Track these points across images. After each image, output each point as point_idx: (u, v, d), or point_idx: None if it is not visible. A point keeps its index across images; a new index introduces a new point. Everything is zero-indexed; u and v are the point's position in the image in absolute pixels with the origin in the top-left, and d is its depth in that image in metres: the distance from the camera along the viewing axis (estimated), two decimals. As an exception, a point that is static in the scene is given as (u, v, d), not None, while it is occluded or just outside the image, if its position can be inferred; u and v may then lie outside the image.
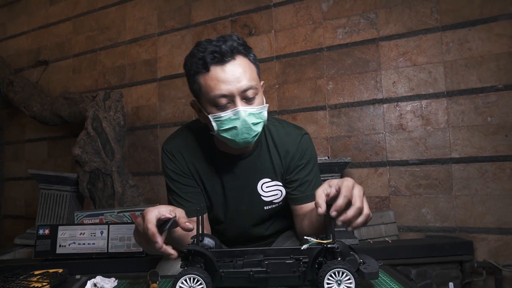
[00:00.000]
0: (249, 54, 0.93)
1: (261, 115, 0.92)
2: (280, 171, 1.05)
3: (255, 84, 0.90)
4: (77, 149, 2.41)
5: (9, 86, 3.09)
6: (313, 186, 1.06)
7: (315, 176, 1.08)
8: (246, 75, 0.89)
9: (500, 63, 1.96)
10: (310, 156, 1.07)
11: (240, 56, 0.91)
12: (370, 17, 2.27)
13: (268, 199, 1.07)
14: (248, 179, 1.05)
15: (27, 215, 3.43)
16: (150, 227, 0.72)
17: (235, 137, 0.91)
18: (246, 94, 0.89)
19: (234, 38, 0.91)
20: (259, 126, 0.92)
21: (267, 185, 1.06)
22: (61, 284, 0.85)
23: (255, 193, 1.05)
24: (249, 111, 0.89)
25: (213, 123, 0.92)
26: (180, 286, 0.68)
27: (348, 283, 0.68)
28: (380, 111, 2.22)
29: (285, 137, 1.06)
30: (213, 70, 0.89)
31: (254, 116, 0.90)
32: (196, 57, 0.92)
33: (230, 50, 0.89)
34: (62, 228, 1.81)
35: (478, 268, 1.90)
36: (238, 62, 0.89)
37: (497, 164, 1.95)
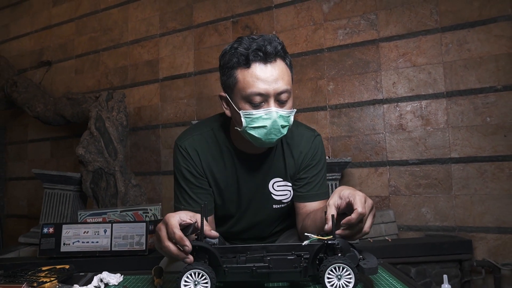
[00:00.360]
0: (287, 59, 0.95)
1: (289, 119, 0.94)
2: (291, 172, 1.07)
3: (290, 89, 0.92)
4: (80, 149, 2.43)
5: (13, 86, 3.12)
6: (319, 187, 1.08)
7: (323, 177, 1.10)
8: (284, 78, 0.91)
9: (499, 64, 1.98)
10: (321, 157, 1.09)
11: (280, 60, 0.92)
12: (371, 18, 2.29)
13: (278, 198, 1.08)
14: (261, 178, 1.06)
15: (30, 215, 3.46)
16: (177, 232, 0.72)
17: (262, 136, 0.92)
18: (281, 96, 0.91)
19: (278, 41, 0.92)
20: (285, 129, 0.94)
21: (278, 184, 1.07)
22: (68, 279, 0.87)
23: (266, 191, 1.06)
24: (281, 113, 0.91)
25: (243, 119, 0.92)
26: (185, 280, 0.70)
27: (348, 278, 0.70)
28: (380, 111, 2.24)
29: (299, 139, 1.08)
30: (254, 67, 0.90)
31: (283, 119, 0.92)
32: (238, 51, 0.91)
33: (275, 52, 0.90)
34: (66, 226, 1.84)
35: (477, 267, 1.92)
36: (278, 65, 0.91)
37: (496, 164, 1.97)
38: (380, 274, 0.86)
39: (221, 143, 1.06)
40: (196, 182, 1.05)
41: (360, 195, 0.77)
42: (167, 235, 0.74)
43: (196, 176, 1.05)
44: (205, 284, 0.70)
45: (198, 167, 1.05)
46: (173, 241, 0.73)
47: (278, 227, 1.19)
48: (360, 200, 0.75)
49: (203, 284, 0.70)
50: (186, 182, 1.06)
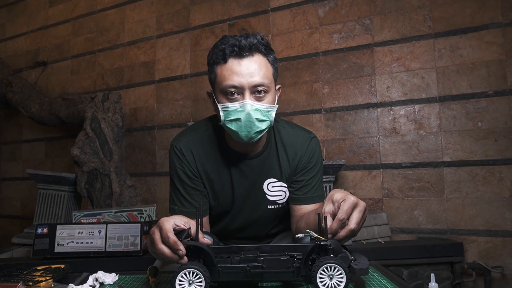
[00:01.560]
0: (268, 55, 0.97)
1: (268, 114, 0.95)
2: (287, 173, 1.08)
3: (267, 83, 0.93)
4: (75, 150, 2.43)
5: (8, 86, 3.11)
6: (315, 189, 1.09)
7: (319, 180, 1.11)
8: (260, 72, 0.92)
9: (490, 70, 2.02)
10: (317, 160, 1.10)
11: (258, 54, 0.94)
12: (365, 23, 2.33)
13: (272, 199, 1.09)
14: (256, 178, 1.06)
15: (23, 215, 3.44)
16: (171, 236, 0.73)
17: (238, 129, 0.94)
18: (256, 89, 0.92)
19: (257, 37, 0.94)
20: (263, 124, 0.95)
21: (272, 185, 1.07)
22: (64, 279, 0.88)
23: (261, 191, 1.07)
24: (256, 107, 0.92)
25: (221, 112, 0.95)
26: (180, 279, 0.71)
27: (340, 277, 0.72)
28: (374, 115, 2.27)
29: (295, 140, 1.08)
30: (230, 62, 0.93)
31: (260, 112, 0.93)
32: (218, 48, 0.95)
33: (249, 46, 0.92)
34: (61, 227, 1.84)
35: (468, 269, 1.95)
36: (255, 59, 0.93)
37: (487, 168, 2.00)
38: (372, 275, 0.88)
39: (216, 143, 1.07)
40: (190, 183, 1.06)
41: (350, 199, 0.77)
42: (161, 238, 0.75)
43: (191, 177, 1.06)
44: (199, 283, 0.71)
45: (193, 168, 1.06)
46: (166, 244, 0.74)
47: (274, 229, 1.19)
48: (343, 208, 0.77)
49: (197, 283, 0.71)
50: (181, 183, 1.07)
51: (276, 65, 1.00)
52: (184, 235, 0.76)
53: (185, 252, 0.73)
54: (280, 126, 1.10)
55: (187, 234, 0.77)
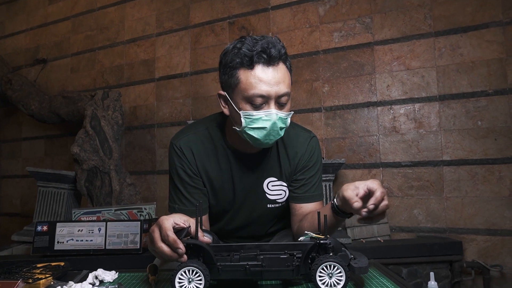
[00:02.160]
0: (287, 62, 0.97)
1: (286, 121, 0.96)
2: (287, 172, 1.09)
3: (290, 92, 0.95)
4: (75, 147, 2.43)
5: (8, 84, 3.10)
6: (315, 188, 1.09)
7: (319, 178, 1.12)
8: (285, 82, 0.93)
9: (491, 68, 2.02)
10: (317, 159, 1.10)
11: (282, 63, 0.94)
12: (366, 21, 2.32)
13: (272, 198, 1.09)
14: (256, 177, 1.07)
15: (23, 213, 3.44)
16: (170, 234, 0.73)
17: (261, 137, 0.94)
18: (281, 99, 0.93)
19: (281, 44, 0.94)
20: (283, 131, 0.97)
21: (272, 184, 1.08)
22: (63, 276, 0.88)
23: (261, 190, 1.08)
24: (280, 115, 0.93)
25: (243, 119, 0.93)
26: (180, 277, 0.71)
27: (339, 276, 0.72)
28: (374, 113, 2.27)
29: (295, 139, 1.09)
30: (257, 69, 0.91)
31: (282, 121, 0.94)
32: (242, 52, 0.92)
33: (278, 56, 0.92)
34: (60, 225, 1.84)
35: (467, 268, 1.95)
36: (280, 68, 0.93)
37: (486, 167, 2.00)
38: (372, 273, 0.88)
39: (216, 142, 1.07)
40: (190, 182, 1.06)
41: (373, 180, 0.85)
42: (161, 237, 0.76)
43: (191, 176, 1.06)
44: (199, 281, 0.71)
45: (193, 166, 1.06)
46: (166, 243, 0.74)
47: (273, 227, 1.20)
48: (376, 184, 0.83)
49: (197, 281, 0.71)
50: (181, 181, 1.07)
51: (292, 71, 1.00)
52: (184, 233, 0.76)
53: (184, 250, 0.73)
54: None
55: (186, 233, 0.77)
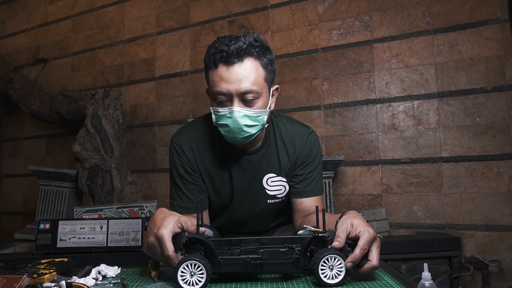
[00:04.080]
0: (261, 57, 0.94)
1: (258, 119, 0.94)
2: (286, 167, 1.09)
3: (257, 89, 0.92)
4: (77, 146, 2.45)
5: (9, 83, 3.12)
6: (315, 182, 1.10)
7: (319, 173, 1.12)
8: (249, 79, 0.91)
9: (489, 65, 2.03)
10: (316, 154, 1.11)
11: (250, 58, 0.92)
12: (364, 19, 2.33)
13: (272, 193, 1.10)
14: (255, 173, 1.08)
15: (25, 212, 3.47)
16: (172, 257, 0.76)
17: (226, 134, 0.96)
18: (246, 96, 0.91)
19: (249, 39, 0.92)
20: (253, 128, 0.95)
21: (272, 180, 1.09)
22: (67, 272, 0.90)
23: (260, 186, 1.09)
24: (244, 113, 0.92)
25: (213, 115, 0.97)
26: (182, 271, 0.73)
27: (339, 268, 0.74)
28: (373, 111, 2.29)
29: (294, 135, 1.09)
30: (220, 68, 0.92)
31: (250, 118, 0.93)
32: (210, 52, 0.95)
33: (237, 52, 0.91)
34: (63, 222, 1.85)
35: (466, 263, 1.97)
36: (245, 64, 0.91)
37: (485, 163, 2.02)
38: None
39: (215, 139, 1.07)
40: (189, 179, 1.08)
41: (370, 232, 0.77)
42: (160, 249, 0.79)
43: (190, 173, 1.07)
44: (201, 275, 0.73)
45: (192, 164, 1.07)
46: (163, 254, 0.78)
47: (274, 222, 1.21)
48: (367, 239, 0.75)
49: (199, 274, 0.73)
50: (180, 178, 1.08)
51: (271, 67, 0.97)
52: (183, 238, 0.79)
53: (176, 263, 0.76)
54: (279, 122, 1.11)
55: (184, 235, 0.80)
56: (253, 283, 0.79)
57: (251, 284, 0.78)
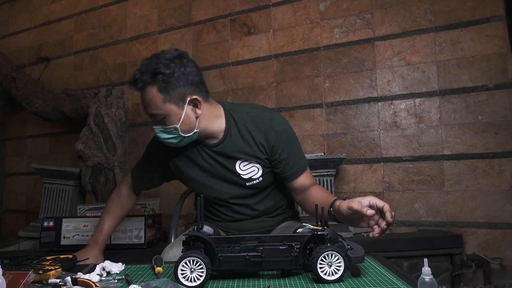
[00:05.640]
0: (156, 83, 1.03)
1: (173, 132, 1.07)
2: (255, 151, 1.15)
3: (160, 112, 1.04)
4: (80, 144, 2.46)
5: (12, 82, 3.14)
6: (298, 161, 1.15)
7: (297, 151, 1.18)
8: (150, 104, 1.05)
9: (491, 63, 2.03)
10: (286, 134, 1.16)
11: (148, 86, 1.04)
12: (366, 17, 2.33)
13: (247, 176, 1.16)
14: (226, 162, 1.16)
15: (28, 210, 3.49)
16: None
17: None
18: (154, 117, 1.07)
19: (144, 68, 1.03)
20: (174, 139, 1.09)
21: (243, 164, 1.16)
22: (72, 268, 0.91)
23: (235, 173, 1.16)
24: (158, 129, 1.08)
25: None
26: (182, 268, 0.74)
27: (338, 265, 0.75)
28: (375, 109, 2.29)
29: (255, 122, 1.15)
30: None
31: (165, 132, 1.08)
32: None
33: (135, 83, 1.05)
34: (66, 220, 1.88)
35: (467, 260, 1.97)
36: (146, 92, 1.04)
37: (487, 161, 2.02)
38: (369, 262, 0.90)
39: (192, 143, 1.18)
40: (148, 162, 1.29)
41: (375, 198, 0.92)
42: None
43: (151, 160, 1.28)
44: (200, 271, 0.74)
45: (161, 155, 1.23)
46: None
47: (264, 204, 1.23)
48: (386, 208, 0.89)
49: (199, 271, 0.74)
50: (144, 158, 1.32)
51: (174, 87, 1.03)
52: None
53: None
54: (238, 113, 1.17)
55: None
56: (252, 279, 0.80)
57: (250, 280, 0.79)
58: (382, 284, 0.74)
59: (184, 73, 1.05)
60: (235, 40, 2.69)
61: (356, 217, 0.91)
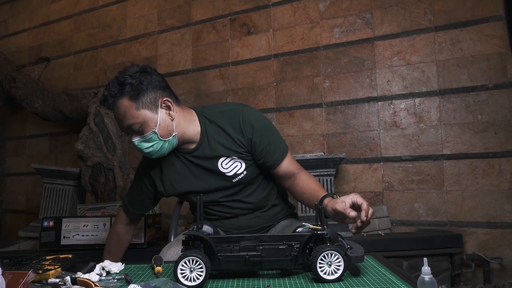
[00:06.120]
0: (126, 93, 1.06)
1: (152, 139, 1.09)
2: (233, 146, 1.15)
3: (136, 120, 1.06)
4: (80, 144, 2.46)
5: (11, 82, 3.14)
6: (278, 147, 1.17)
7: (274, 136, 1.18)
8: (126, 116, 1.06)
9: (490, 63, 2.03)
10: (260, 125, 1.16)
11: (119, 100, 1.07)
12: (366, 17, 2.33)
13: (231, 173, 1.17)
14: (209, 164, 1.17)
15: (28, 210, 3.49)
16: None
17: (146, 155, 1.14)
18: (132, 129, 1.08)
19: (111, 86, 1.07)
20: (155, 145, 1.10)
21: (225, 163, 1.17)
22: (72, 268, 0.91)
23: (219, 172, 1.17)
24: (138, 140, 1.09)
25: None
26: (181, 267, 0.74)
27: (338, 264, 0.75)
28: (374, 108, 2.29)
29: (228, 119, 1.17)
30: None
31: (145, 141, 1.09)
32: None
33: (105, 100, 1.08)
34: (66, 220, 1.88)
35: (467, 260, 1.97)
36: (118, 105, 1.07)
37: (486, 161, 2.02)
38: (369, 262, 0.90)
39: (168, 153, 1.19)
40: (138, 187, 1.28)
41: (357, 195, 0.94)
42: None
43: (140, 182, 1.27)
44: (200, 271, 0.74)
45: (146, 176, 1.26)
46: None
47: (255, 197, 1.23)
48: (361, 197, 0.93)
49: (198, 270, 0.74)
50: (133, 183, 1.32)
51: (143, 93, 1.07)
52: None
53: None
54: (205, 112, 1.20)
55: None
56: (252, 279, 0.80)
57: (250, 279, 0.79)
58: (382, 284, 0.74)
59: (151, 80, 1.09)
60: (234, 40, 2.69)
61: (342, 216, 0.93)
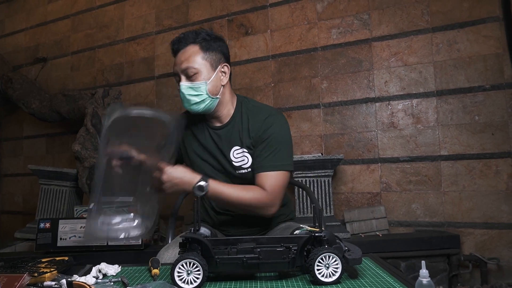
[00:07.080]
0: (200, 42, 1.17)
1: (199, 89, 1.14)
2: (247, 141, 1.18)
3: (194, 65, 1.14)
4: (77, 145, 2.45)
5: (8, 83, 3.12)
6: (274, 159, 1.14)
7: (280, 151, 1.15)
8: (188, 59, 1.14)
9: (487, 64, 2.03)
10: (277, 132, 1.16)
11: (190, 45, 1.17)
12: (363, 18, 2.33)
13: (238, 164, 1.19)
14: (225, 146, 1.21)
15: (25, 211, 3.47)
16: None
17: (183, 103, 1.19)
18: (186, 72, 1.14)
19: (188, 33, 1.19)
20: (197, 97, 1.15)
21: (237, 152, 1.20)
22: (68, 270, 0.90)
23: (228, 158, 1.21)
24: (186, 85, 1.14)
25: None
26: (178, 270, 0.74)
27: (335, 266, 0.75)
28: (372, 109, 2.29)
29: (257, 112, 1.21)
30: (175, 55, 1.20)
31: (192, 89, 1.14)
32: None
33: (178, 43, 1.18)
34: (63, 222, 1.87)
35: (464, 261, 1.98)
36: (186, 50, 1.16)
37: (483, 161, 2.02)
38: (367, 264, 0.90)
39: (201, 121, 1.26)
40: None
41: None
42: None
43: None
44: (197, 273, 0.73)
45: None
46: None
47: None
48: None
49: (195, 273, 0.73)
50: None
51: (213, 49, 1.17)
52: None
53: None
54: (248, 103, 1.25)
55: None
56: (249, 281, 0.79)
57: (247, 282, 0.79)
58: (380, 286, 0.73)
59: (221, 45, 1.20)
60: (232, 41, 2.69)
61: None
